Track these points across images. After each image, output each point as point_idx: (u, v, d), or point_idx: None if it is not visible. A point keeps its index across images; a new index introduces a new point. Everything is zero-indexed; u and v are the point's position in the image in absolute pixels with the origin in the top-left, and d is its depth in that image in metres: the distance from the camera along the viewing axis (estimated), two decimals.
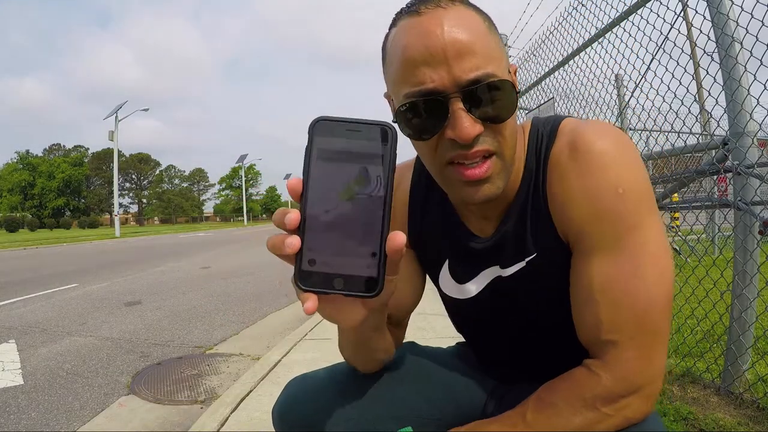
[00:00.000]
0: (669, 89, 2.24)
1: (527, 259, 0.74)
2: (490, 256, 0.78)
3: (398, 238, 0.44)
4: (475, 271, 0.81)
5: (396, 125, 0.61)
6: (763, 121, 2.03)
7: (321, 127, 0.46)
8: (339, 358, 0.85)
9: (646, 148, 3.23)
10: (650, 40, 2.34)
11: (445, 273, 0.84)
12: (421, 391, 0.86)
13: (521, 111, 4.28)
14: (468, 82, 0.59)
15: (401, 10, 0.66)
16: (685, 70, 2.15)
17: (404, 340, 0.97)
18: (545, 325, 0.79)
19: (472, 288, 0.82)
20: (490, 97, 0.60)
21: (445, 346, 1.03)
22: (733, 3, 1.84)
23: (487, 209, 0.76)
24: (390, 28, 0.67)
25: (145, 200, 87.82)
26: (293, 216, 0.45)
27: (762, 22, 1.71)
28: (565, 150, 0.68)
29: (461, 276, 0.82)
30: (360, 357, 0.78)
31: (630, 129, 4.21)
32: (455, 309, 0.89)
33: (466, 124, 0.60)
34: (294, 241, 0.44)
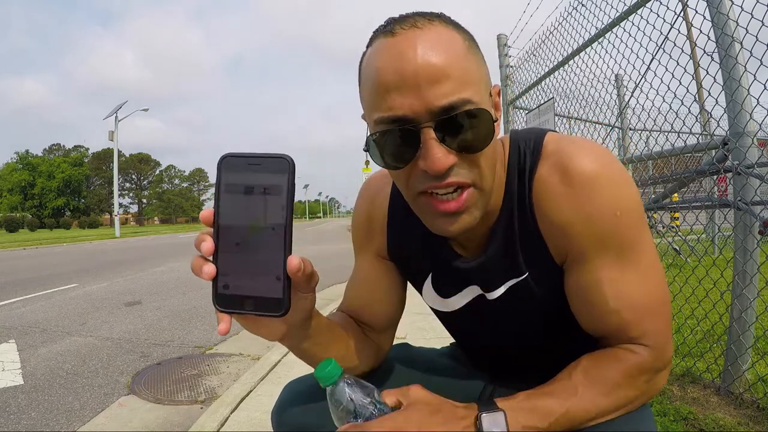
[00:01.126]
0: (669, 89, 2.24)
1: (519, 279, 0.73)
2: (473, 276, 0.77)
3: (293, 262, 0.49)
4: (457, 288, 0.81)
5: (367, 153, 0.62)
6: (763, 121, 2.03)
7: (227, 163, 0.50)
8: None
9: (646, 148, 3.23)
10: (650, 40, 2.34)
11: (428, 286, 0.84)
12: None
13: (521, 111, 4.28)
14: (441, 110, 0.56)
15: (377, 28, 0.62)
16: (685, 70, 2.15)
17: (405, 341, 0.98)
18: (531, 338, 0.80)
19: (455, 303, 0.82)
20: (465, 125, 0.57)
21: (445, 345, 1.04)
22: (733, 3, 1.84)
23: (472, 230, 0.74)
24: (366, 48, 0.63)
25: (145, 200, 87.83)
26: (208, 245, 0.50)
27: (762, 22, 1.71)
28: (554, 174, 0.66)
29: (444, 291, 0.82)
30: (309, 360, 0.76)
31: (630, 129, 4.21)
32: (441, 318, 0.90)
33: (439, 155, 0.57)
34: (209, 269, 0.50)
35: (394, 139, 0.59)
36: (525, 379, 0.75)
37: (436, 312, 0.88)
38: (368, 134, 0.62)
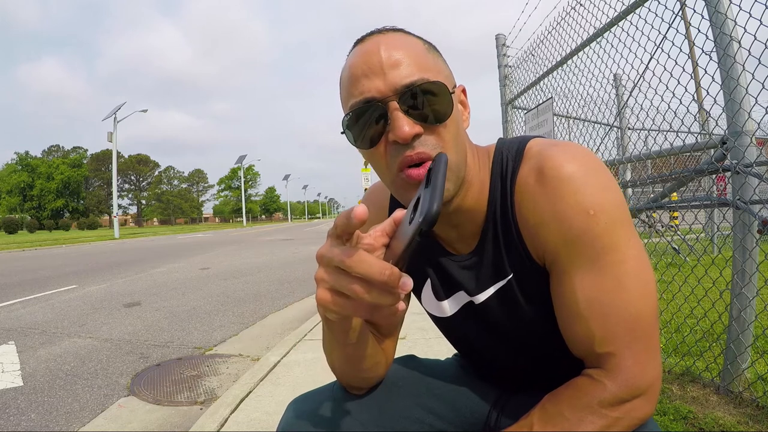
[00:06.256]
0: (668, 89, 2.25)
1: (504, 280, 0.74)
2: (463, 278, 0.78)
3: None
4: (448, 291, 0.82)
5: (345, 136, 0.70)
6: (761, 119, 2.04)
7: None
8: None
9: (645, 147, 3.23)
10: (648, 39, 2.34)
11: (427, 289, 0.85)
12: (424, 403, 0.86)
13: (520, 111, 4.28)
14: (403, 87, 0.64)
15: (352, 45, 0.72)
16: (684, 70, 2.15)
17: (406, 341, 0.97)
18: (528, 347, 0.80)
19: (448, 308, 0.83)
20: (426, 98, 0.64)
21: (446, 345, 1.03)
22: (731, 2, 1.85)
23: (458, 229, 0.76)
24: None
25: (144, 201, 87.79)
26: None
27: (760, 21, 1.71)
28: (532, 174, 0.69)
29: (438, 293, 0.84)
30: (349, 367, 0.77)
31: (629, 128, 4.22)
32: (439, 325, 0.90)
33: (404, 123, 0.63)
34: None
35: (365, 118, 0.66)
36: (533, 391, 0.74)
37: (434, 319, 0.89)
38: (343, 117, 0.69)
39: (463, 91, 0.74)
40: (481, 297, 0.77)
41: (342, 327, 0.66)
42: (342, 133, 0.69)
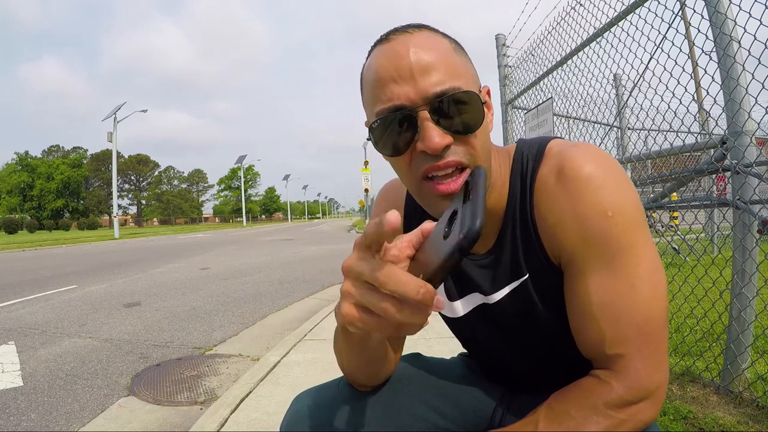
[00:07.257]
0: (667, 89, 2.25)
1: (520, 280, 0.74)
2: (478, 278, 0.78)
3: None
4: (462, 291, 0.82)
5: (370, 142, 0.67)
6: (761, 119, 2.04)
7: None
8: None
9: (645, 147, 3.23)
10: (648, 39, 2.34)
11: (439, 289, 0.85)
12: (429, 401, 0.86)
13: (520, 111, 4.28)
14: (434, 95, 0.62)
15: (375, 41, 0.69)
16: (684, 70, 2.15)
17: (406, 342, 0.97)
18: (537, 342, 0.80)
19: (460, 308, 0.83)
20: (457, 109, 0.63)
21: (446, 345, 1.03)
22: (731, 2, 1.85)
23: None
24: (366, 60, 0.70)
25: (144, 201, 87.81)
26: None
27: (760, 20, 1.71)
28: (552, 174, 0.69)
29: (452, 294, 0.83)
30: (360, 370, 0.78)
31: (629, 128, 4.22)
32: (450, 325, 0.90)
33: (435, 134, 0.62)
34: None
35: (394, 126, 0.64)
36: (539, 391, 0.74)
37: (445, 319, 0.88)
38: (370, 124, 0.67)
39: (488, 92, 0.73)
40: (496, 296, 0.77)
41: (362, 341, 0.66)
42: (368, 139, 0.68)
